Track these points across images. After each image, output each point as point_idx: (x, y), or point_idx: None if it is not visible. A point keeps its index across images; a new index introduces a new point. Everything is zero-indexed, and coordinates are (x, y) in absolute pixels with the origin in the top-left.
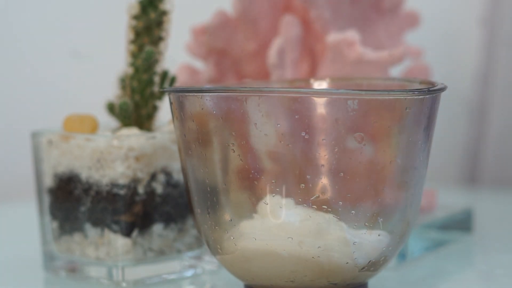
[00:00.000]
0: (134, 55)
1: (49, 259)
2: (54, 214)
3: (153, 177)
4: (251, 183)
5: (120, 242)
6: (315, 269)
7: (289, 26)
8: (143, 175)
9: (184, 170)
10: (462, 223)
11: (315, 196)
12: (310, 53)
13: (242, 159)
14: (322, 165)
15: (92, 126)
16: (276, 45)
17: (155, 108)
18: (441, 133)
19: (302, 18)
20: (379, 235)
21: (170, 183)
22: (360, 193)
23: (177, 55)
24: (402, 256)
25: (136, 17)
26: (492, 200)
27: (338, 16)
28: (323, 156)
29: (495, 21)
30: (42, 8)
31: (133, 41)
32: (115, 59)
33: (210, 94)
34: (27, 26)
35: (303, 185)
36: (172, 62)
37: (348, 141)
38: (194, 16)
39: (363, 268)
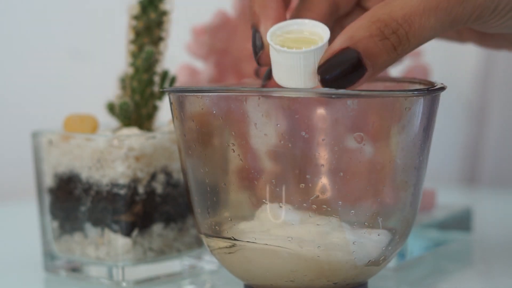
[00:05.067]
0: (134, 55)
1: (49, 258)
2: (54, 214)
3: (153, 177)
4: (251, 183)
5: (120, 241)
6: (315, 269)
7: None
8: (143, 175)
9: (184, 170)
10: (461, 223)
11: (314, 196)
12: None
13: (242, 159)
14: (322, 165)
15: (92, 126)
16: None
17: (155, 108)
18: (441, 133)
19: None
20: (378, 235)
21: (170, 183)
22: (359, 193)
23: (177, 55)
24: (402, 256)
25: (136, 17)
26: (492, 200)
27: None
28: (323, 156)
29: None
30: (42, 8)
31: (133, 41)
32: (115, 59)
33: (210, 94)
34: (27, 26)
35: (303, 185)
36: (173, 62)
37: (348, 141)
38: (194, 16)
39: (363, 267)
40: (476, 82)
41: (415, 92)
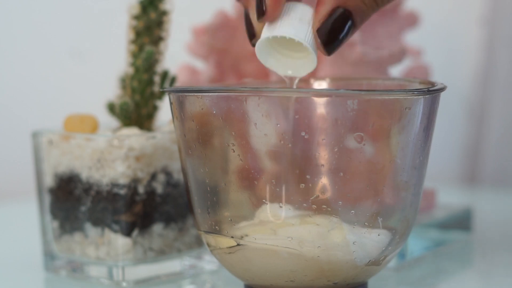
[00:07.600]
0: (135, 55)
1: (49, 258)
2: (54, 214)
3: (153, 177)
4: (251, 183)
5: (120, 241)
6: (315, 269)
7: None
8: (144, 175)
9: (184, 170)
10: (462, 223)
11: (315, 196)
12: None
13: (242, 159)
14: (322, 165)
15: (93, 126)
16: None
17: (155, 108)
18: (441, 133)
19: None
20: (379, 235)
21: (170, 183)
22: (360, 193)
23: (177, 55)
24: (402, 256)
25: (136, 17)
26: (492, 199)
27: None
28: (323, 156)
29: (495, 21)
30: (42, 8)
31: (134, 41)
32: (115, 59)
33: (210, 94)
34: (27, 26)
35: (303, 185)
36: (173, 62)
37: (348, 141)
38: (194, 16)
39: (363, 267)
40: (476, 82)
41: (415, 92)
